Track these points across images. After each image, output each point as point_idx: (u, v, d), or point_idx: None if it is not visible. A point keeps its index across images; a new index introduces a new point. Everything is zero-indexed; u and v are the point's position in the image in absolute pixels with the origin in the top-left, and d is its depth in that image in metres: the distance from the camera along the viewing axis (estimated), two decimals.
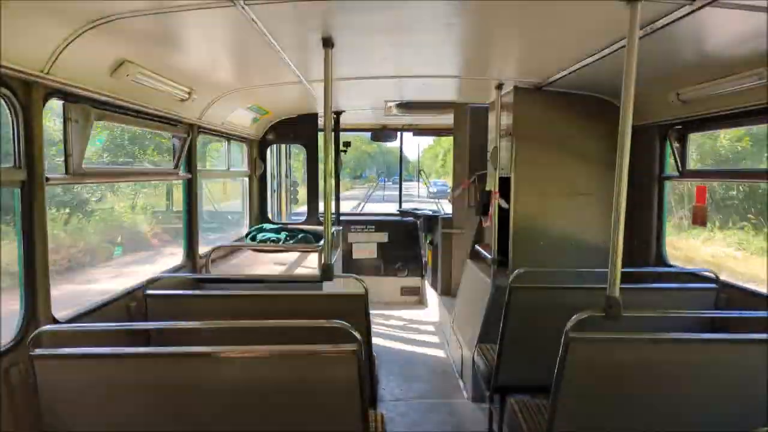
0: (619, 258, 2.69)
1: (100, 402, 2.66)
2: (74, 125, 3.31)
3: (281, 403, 2.71)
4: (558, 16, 3.08)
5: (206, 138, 5.86)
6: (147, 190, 10.51)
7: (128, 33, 3.08)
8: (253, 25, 3.13)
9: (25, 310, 2.95)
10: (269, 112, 6.80)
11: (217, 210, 9.84)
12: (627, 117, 2.61)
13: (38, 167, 2.93)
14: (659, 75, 4.03)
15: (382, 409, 4.78)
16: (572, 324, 2.68)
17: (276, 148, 9.15)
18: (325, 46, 3.53)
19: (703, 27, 3.03)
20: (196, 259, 5.28)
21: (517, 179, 5.31)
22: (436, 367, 6.76)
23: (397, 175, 16.50)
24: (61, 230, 8.29)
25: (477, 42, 3.93)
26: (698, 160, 9.14)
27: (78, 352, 2.65)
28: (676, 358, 2.80)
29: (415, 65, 4.67)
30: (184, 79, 4.16)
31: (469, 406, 5.62)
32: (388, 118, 8.94)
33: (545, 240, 5.34)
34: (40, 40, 2.72)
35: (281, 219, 9.36)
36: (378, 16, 3.16)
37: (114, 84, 3.42)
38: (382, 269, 9.79)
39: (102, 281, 8.45)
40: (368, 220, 9.86)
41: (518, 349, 4.01)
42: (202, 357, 2.66)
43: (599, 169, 5.25)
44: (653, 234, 4.98)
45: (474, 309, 5.88)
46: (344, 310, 3.75)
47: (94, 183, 4.45)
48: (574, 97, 5.20)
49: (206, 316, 3.70)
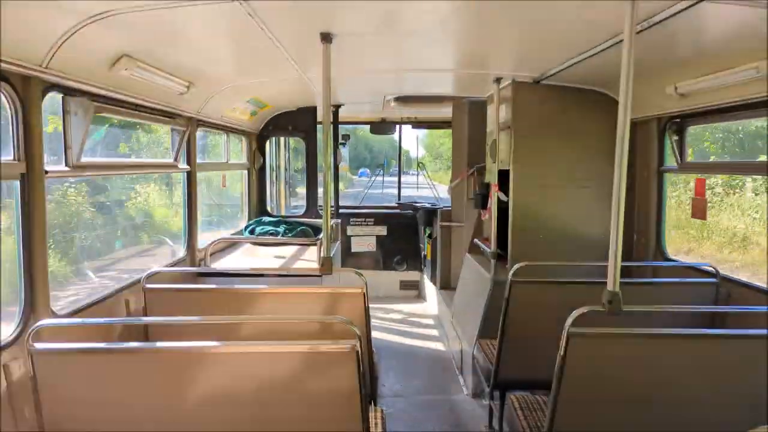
0: (619, 252, 2.69)
1: (99, 396, 2.67)
2: (73, 118, 3.31)
3: (280, 399, 2.71)
4: (556, 11, 3.07)
5: (205, 131, 5.85)
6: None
7: (127, 27, 3.07)
8: (252, 20, 3.12)
9: (24, 304, 2.95)
10: (268, 105, 6.79)
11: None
12: (626, 110, 2.61)
13: (37, 160, 2.93)
14: (658, 68, 4.03)
15: (382, 405, 4.80)
16: (572, 319, 2.69)
17: (275, 141, 9.14)
18: (324, 41, 3.52)
19: (701, 21, 3.02)
20: (195, 252, 5.29)
21: (516, 172, 5.31)
22: (435, 362, 6.77)
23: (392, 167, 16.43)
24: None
25: (475, 36, 3.92)
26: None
27: (77, 347, 2.66)
28: (677, 352, 2.81)
29: (414, 59, 4.66)
30: (183, 73, 4.15)
31: (469, 402, 5.63)
32: (387, 111, 8.93)
33: (544, 233, 5.34)
34: (39, 34, 2.71)
35: (280, 212, 9.36)
36: (376, 10, 3.15)
37: (113, 77, 3.41)
38: (381, 263, 9.79)
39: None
40: (367, 213, 9.85)
41: (518, 344, 4.01)
42: (200, 352, 2.66)
43: (598, 162, 5.25)
44: (653, 227, 4.98)
45: (473, 303, 5.89)
46: (343, 305, 3.76)
47: (93, 176, 4.43)
48: (573, 91, 5.20)
49: (205, 310, 3.70)
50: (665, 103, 4.35)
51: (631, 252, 5.11)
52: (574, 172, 5.31)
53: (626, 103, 2.60)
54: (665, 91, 4.15)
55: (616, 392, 2.85)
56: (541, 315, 3.63)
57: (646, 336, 2.81)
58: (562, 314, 2.73)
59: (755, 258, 10.37)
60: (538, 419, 3.55)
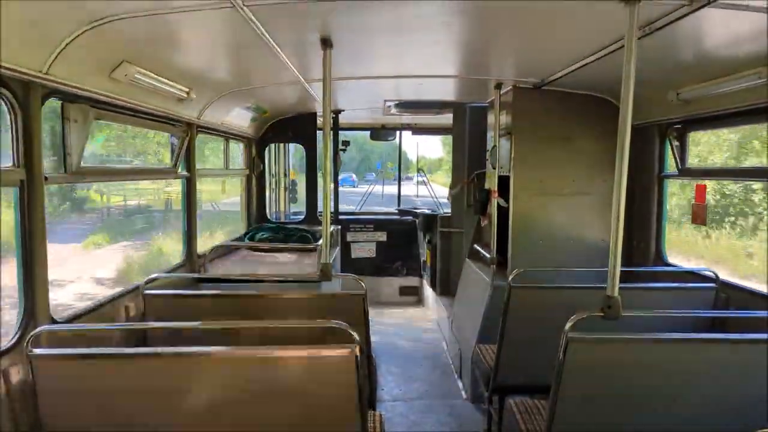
0: (619, 257, 2.69)
1: (98, 402, 2.66)
2: (73, 125, 3.30)
3: (279, 404, 2.70)
4: (557, 16, 3.08)
5: (204, 137, 5.86)
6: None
7: (127, 33, 3.07)
8: (251, 26, 3.12)
9: (24, 309, 2.94)
10: (268, 111, 6.79)
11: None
12: (626, 116, 2.61)
13: (37, 166, 2.93)
14: (659, 74, 4.03)
15: (381, 410, 4.78)
16: (571, 324, 2.68)
17: (275, 147, 9.15)
18: (324, 46, 3.52)
19: (702, 27, 3.03)
20: (195, 258, 5.28)
21: (516, 178, 5.31)
22: (434, 367, 6.76)
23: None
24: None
25: (476, 42, 3.92)
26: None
27: (76, 352, 2.65)
28: (676, 357, 2.80)
29: (414, 65, 4.67)
30: (182, 79, 4.15)
31: (468, 407, 5.62)
32: (387, 117, 8.94)
33: (544, 239, 5.34)
34: (39, 40, 2.71)
35: (280, 218, 9.36)
36: (377, 16, 3.15)
37: (113, 84, 3.41)
38: (381, 269, 9.78)
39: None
40: (367, 219, 9.84)
41: (517, 349, 4.01)
42: (200, 357, 2.65)
43: (599, 168, 5.25)
44: (653, 233, 4.98)
45: (473, 308, 5.88)
46: (343, 310, 3.75)
47: (93, 182, 4.42)
48: (574, 97, 5.20)
49: (204, 315, 3.69)
50: (666, 109, 4.35)
51: (631, 257, 5.10)
52: (574, 178, 5.31)
53: (627, 108, 2.60)
54: (667, 97, 4.15)
55: (615, 397, 2.85)
56: (541, 320, 3.63)
57: (646, 341, 2.81)
58: (561, 319, 2.73)
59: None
60: (536, 424, 3.54)
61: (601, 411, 2.86)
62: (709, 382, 2.80)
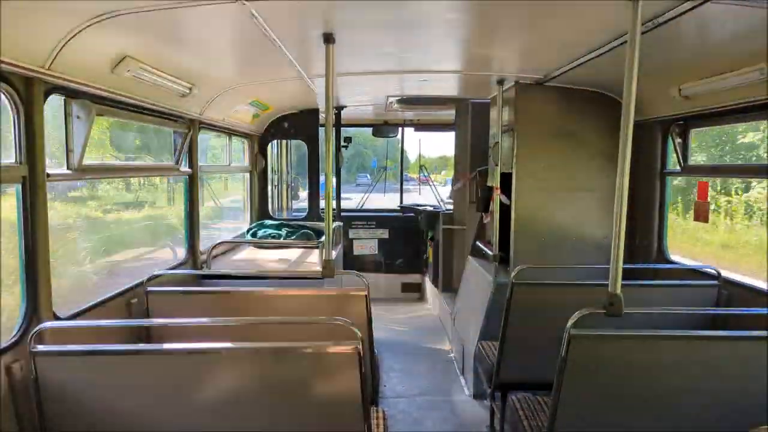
0: (621, 254, 2.69)
1: (101, 398, 2.67)
2: (75, 121, 3.30)
3: (282, 401, 2.71)
4: (559, 12, 3.07)
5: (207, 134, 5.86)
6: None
7: (130, 29, 3.07)
8: (254, 21, 3.12)
9: (27, 306, 2.95)
10: (270, 107, 6.79)
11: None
12: (629, 112, 2.60)
13: (39, 163, 2.92)
14: (661, 70, 4.02)
15: (384, 406, 4.79)
16: (574, 321, 2.68)
17: (277, 144, 9.14)
18: (326, 42, 3.51)
19: (705, 23, 3.02)
20: (197, 255, 5.28)
21: (519, 175, 5.30)
22: (437, 363, 6.76)
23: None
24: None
25: (479, 37, 3.91)
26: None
27: (79, 349, 2.66)
28: (678, 354, 2.80)
29: (417, 61, 4.66)
30: (185, 75, 4.15)
31: (471, 403, 5.63)
32: (390, 113, 8.93)
33: (546, 236, 5.33)
34: (41, 36, 2.71)
35: (282, 215, 9.36)
36: (379, 11, 3.15)
37: (115, 79, 3.41)
38: (383, 265, 9.78)
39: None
40: (369, 216, 9.85)
41: (520, 345, 4.01)
42: (202, 354, 2.66)
43: (601, 164, 5.24)
44: (655, 230, 4.97)
45: (475, 305, 5.88)
46: (346, 307, 3.75)
47: (95, 178, 4.42)
48: (576, 93, 5.19)
49: (207, 312, 3.70)
50: (669, 105, 4.34)
51: (633, 254, 5.09)
52: (576, 174, 5.31)
53: (630, 104, 2.59)
54: (669, 93, 4.14)
55: (618, 393, 2.85)
56: (543, 317, 3.63)
57: (648, 338, 2.81)
58: (563, 316, 2.73)
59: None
60: (539, 420, 3.54)
61: (603, 407, 2.86)
62: (711, 378, 2.80)
